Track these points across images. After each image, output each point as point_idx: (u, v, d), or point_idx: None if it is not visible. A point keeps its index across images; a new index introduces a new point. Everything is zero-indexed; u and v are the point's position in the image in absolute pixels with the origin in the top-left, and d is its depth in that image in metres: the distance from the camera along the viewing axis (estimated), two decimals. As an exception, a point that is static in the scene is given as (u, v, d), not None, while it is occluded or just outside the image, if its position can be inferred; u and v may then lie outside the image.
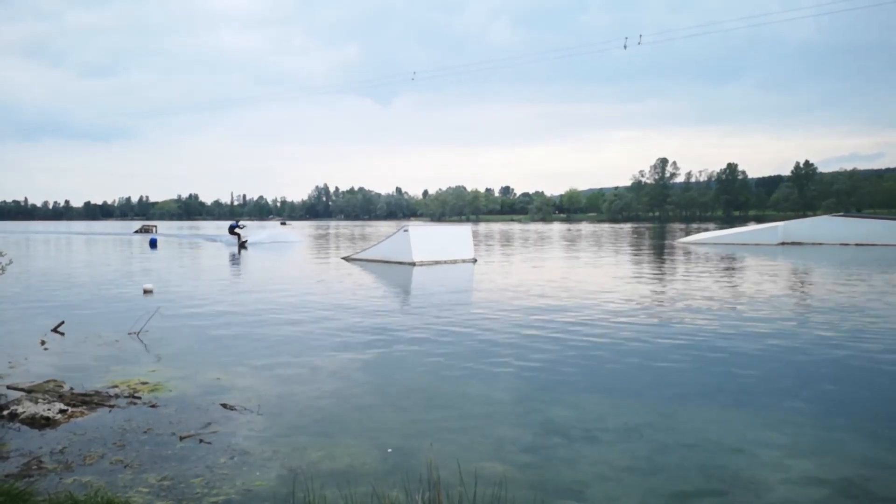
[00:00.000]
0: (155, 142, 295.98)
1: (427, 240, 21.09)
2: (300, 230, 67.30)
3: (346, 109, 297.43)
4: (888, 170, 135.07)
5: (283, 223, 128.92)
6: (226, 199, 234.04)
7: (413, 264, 19.35)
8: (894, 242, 29.42)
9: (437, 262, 19.96)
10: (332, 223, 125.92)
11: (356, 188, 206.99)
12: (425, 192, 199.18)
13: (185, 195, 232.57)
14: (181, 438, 4.50)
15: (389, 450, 4.29)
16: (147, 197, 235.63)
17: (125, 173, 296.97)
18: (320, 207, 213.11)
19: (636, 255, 25.80)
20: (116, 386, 5.85)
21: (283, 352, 7.33)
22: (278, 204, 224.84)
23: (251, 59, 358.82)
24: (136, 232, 58.05)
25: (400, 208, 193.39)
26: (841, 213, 44.95)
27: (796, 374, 6.37)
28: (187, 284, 14.43)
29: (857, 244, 29.82)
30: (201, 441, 4.46)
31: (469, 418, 4.98)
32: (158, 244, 32.58)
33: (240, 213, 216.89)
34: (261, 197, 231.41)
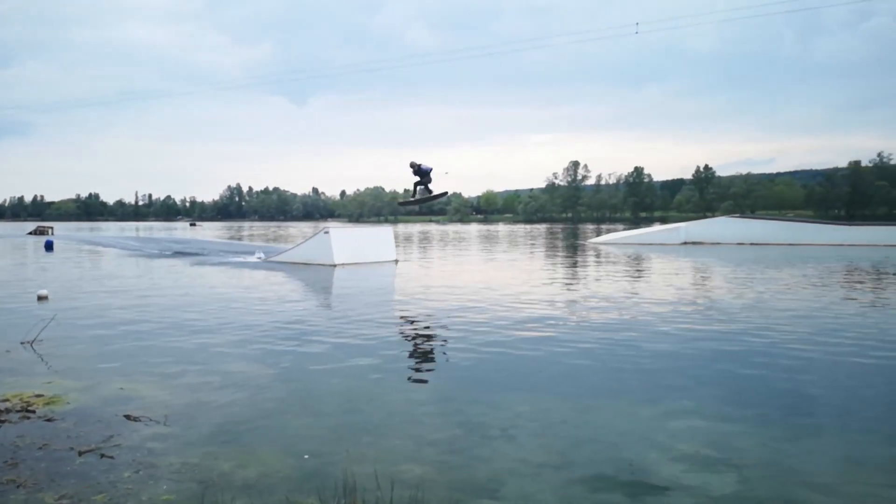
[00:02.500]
0: (52, 138, 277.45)
1: (348, 241, 20.87)
2: (211, 231, 64.88)
3: (260, 108, 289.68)
4: (779, 174, 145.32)
5: (192, 224, 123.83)
6: (130, 199, 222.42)
7: (334, 266, 19.09)
8: (784, 242, 31.70)
9: (358, 264, 19.79)
10: (246, 224, 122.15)
11: (271, 188, 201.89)
12: (343, 193, 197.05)
13: (84, 194, 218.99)
14: (80, 453, 4.24)
15: (306, 456, 4.21)
16: (42, 196, 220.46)
17: (18, 171, 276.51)
18: (233, 208, 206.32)
19: (551, 255, 26.54)
20: (7, 399, 5.43)
21: (192, 359, 7.04)
22: (187, 204, 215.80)
23: (159, 54, 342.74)
24: (31, 233, 54.06)
25: (317, 209, 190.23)
26: (737, 215, 47.90)
27: (703, 368, 6.74)
28: (88, 290, 13.59)
29: (751, 244, 31.91)
30: (103, 455, 4.21)
31: (388, 421, 4.96)
32: (55, 246, 30.53)
33: (145, 213, 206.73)
34: (168, 197, 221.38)
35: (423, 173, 17.72)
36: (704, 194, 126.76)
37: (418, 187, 17.81)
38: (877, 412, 5.23)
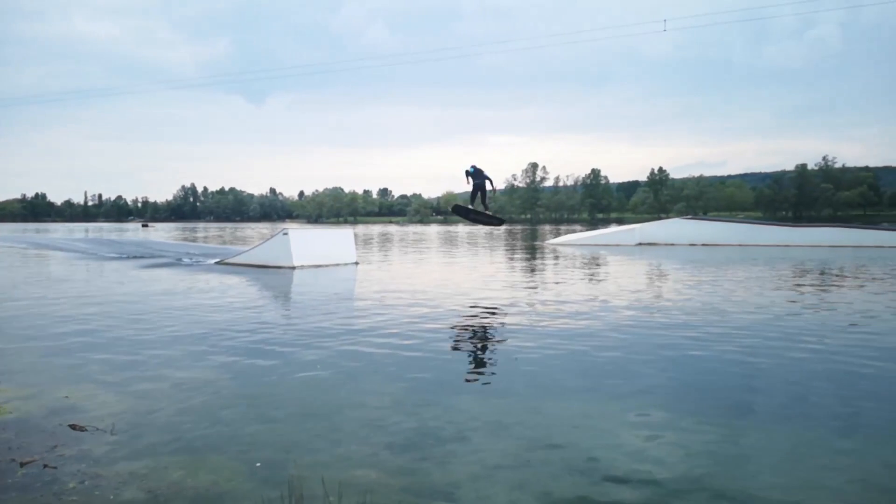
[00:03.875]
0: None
1: (308, 243, 20.60)
2: (164, 232, 63.35)
3: (216, 106, 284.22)
4: (730, 176, 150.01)
5: (144, 225, 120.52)
6: (79, 199, 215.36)
7: (293, 268, 18.84)
8: (735, 243, 32.66)
9: (318, 266, 19.58)
10: (201, 225, 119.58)
11: (227, 188, 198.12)
12: (301, 194, 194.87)
13: (30, 194, 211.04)
14: (22, 465, 4.09)
15: (258, 464, 4.15)
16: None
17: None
18: (187, 208, 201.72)
19: (510, 256, 26.75)
20: (-58, 411, 5.20)
21: (142, 366, 6.85)
22: (139, 204, 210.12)
23: (109, 50, 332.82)
24: (-29, 235, 51.80)
25: (274, 210, 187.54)
26: (690, 216, 49.15)
27: (658, 367, 6.89)
28: (32, 295, 13.11)
29: (703, 244, 32.78)
30: (46, 466, 4.07)
31: (343, 426, 4.92)
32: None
33: (95, 214, 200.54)
34: (119, 197, 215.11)
35: (475, 175, 16.99)
36: (659, 196, 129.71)
37: (477, 195, 17.10)
38: (822, 408, 5.43)
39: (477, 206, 17.61)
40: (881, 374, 6.50)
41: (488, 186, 17.57)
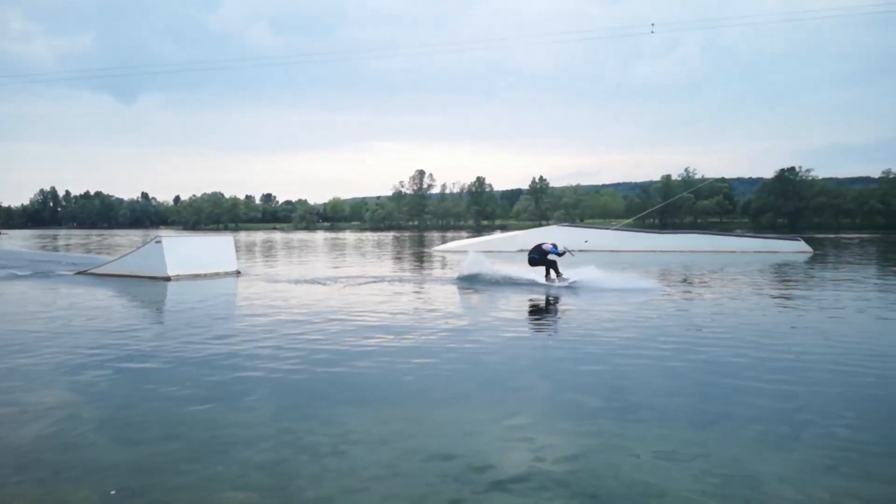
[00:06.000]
0: None
1: (184, 251, 19.46)
2: (20, 240, 57.70)
3: (81, 105, 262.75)
4: (604, 185, 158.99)
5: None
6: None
7: (168, 279, 17.76)
8: (608, 248, 34.63)
9: (195, 276, 18.58)
10: (63, 232, 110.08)
11: (92, 192, 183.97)
12: (177, 199, 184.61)
13: None
14: None
15: (113, 492, 3.87)
16: None
17: None
18: (47, 214, 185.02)
19: (398, 263, 26.79)
20: None
21: (-16, 389, 6.20)
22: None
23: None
24: None
25: (147, 215, 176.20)
26: (567, 223, 51.57)
27: (539, 371, 7.14)
28: None
29: (579, 250, 34.46)
30: None
31: (211, 446, 4.71)
32: None
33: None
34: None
35: (544, 254, 15.74)
36: (540, 204, 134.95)
37: (551, 272, 15.76)
38: (685, 403, 5.86)
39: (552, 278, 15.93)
40: (735, 369, 7.14)
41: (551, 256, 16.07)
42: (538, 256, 16.10)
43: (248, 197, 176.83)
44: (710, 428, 5.16)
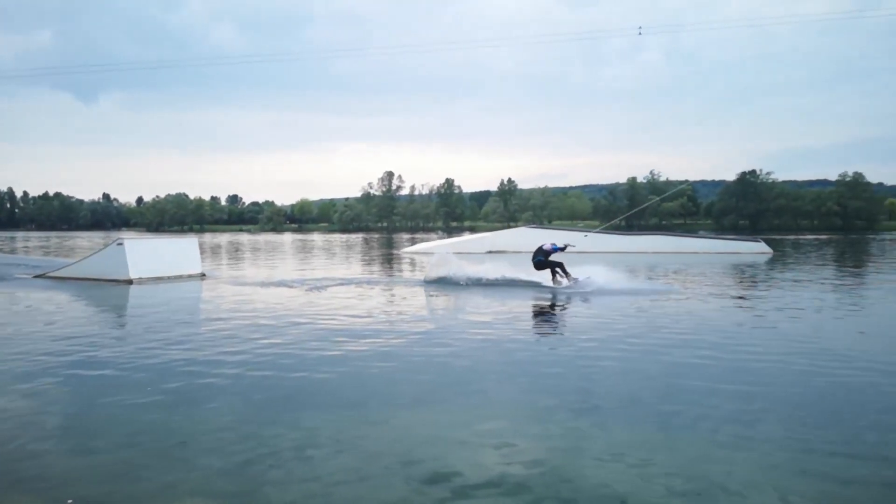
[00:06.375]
0: None
1: (147, 254, 19.07)
2: (-26, 243, 55.83)
3: (39, 103, 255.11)
4: (572, 188, 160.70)
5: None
6: None
7: (130, 282, 17.38)
8: (575, 250, 34.96)
9: (159, 279, 18.23)
10: (20, 234, 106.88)
11: (52, 193, 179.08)
12: (140, 200, 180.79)
13: None
14: None
15: (69, 501, 3.78)
16: None
17: None
18: (3, 216, 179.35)
19: (367, 265, 26.66)
20: None
21: (-66, 398, 5.99)
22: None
23: None
24: None
25: (108, 217, 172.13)
26: (535, 225, 51.94)
27: (502, 373, 7.18)
28: None
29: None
30: None
31: (173, 452, 4.63)
32: None
33: None
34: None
35: (547, 254, 15.68)
36: (508, 205, 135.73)
37: (558, 273, 15.52)
38: (648, 406, 5.96)
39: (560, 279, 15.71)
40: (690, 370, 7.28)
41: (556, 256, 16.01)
42: (543, 258, 16.00)
43: (213, 198, 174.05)
44: (674, 429, 5.25)
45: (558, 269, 15.77)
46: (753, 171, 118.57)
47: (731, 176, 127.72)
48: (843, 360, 7.68)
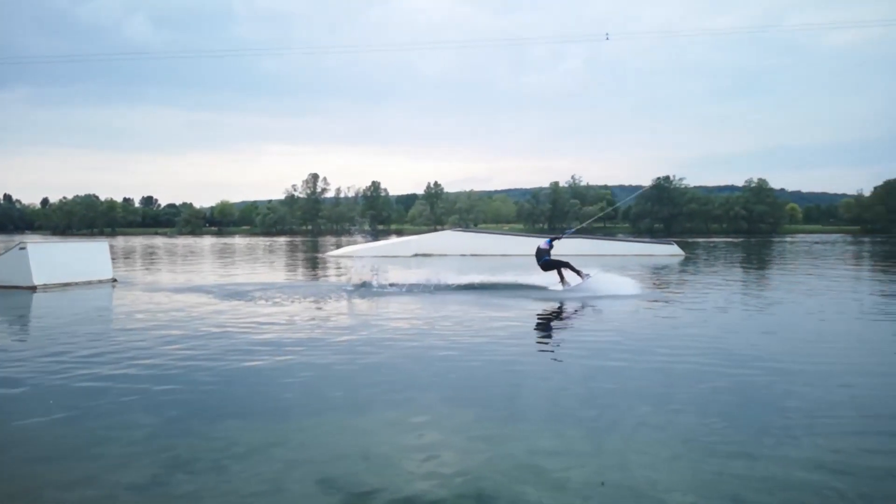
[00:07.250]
0: None
1: (52, 258, 18.04)
2: None
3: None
4: (497, 191, 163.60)
5: None
6: None
7: (33, 289, 16.36)
8: (499, 253, 35.57)
9: (66, 285, 17.25)
10: None
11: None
12: (45, 201, 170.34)
13: None
14: None
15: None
16: None
17: None
18: None
19: (291, 269, 26.14)
20: None
21: None
22: None
23: None
24: None
25: (10, 220, 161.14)
26: (461, 228, 52.49)
27: (422, 376, 7.21)
28: None
29: (473, 255, 35.18)
30: None
31: (78, 469, 4.41)
32: None
33: None
34: None
35: (548, 253, 15.22)
36: (435, 209, 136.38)
37: (565, 274, 15.17)
38: (570, 408, 6.14)
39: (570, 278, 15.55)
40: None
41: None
42: (548, 258, 15.86)
43: (126, 200, 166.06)
44: (596, 432, 5.40)
45: (565, 269, 15.63)
46: (668, 177, 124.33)
47: (647, 181, 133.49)
48: (747, 360, 8.15)
